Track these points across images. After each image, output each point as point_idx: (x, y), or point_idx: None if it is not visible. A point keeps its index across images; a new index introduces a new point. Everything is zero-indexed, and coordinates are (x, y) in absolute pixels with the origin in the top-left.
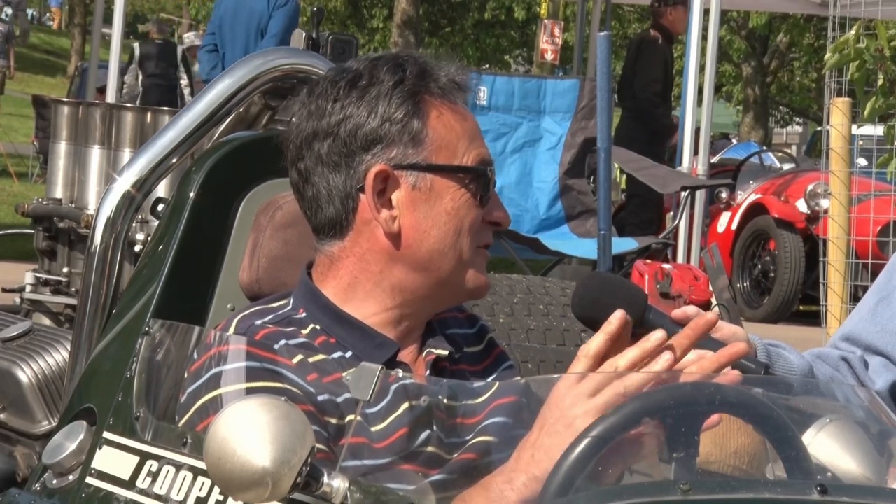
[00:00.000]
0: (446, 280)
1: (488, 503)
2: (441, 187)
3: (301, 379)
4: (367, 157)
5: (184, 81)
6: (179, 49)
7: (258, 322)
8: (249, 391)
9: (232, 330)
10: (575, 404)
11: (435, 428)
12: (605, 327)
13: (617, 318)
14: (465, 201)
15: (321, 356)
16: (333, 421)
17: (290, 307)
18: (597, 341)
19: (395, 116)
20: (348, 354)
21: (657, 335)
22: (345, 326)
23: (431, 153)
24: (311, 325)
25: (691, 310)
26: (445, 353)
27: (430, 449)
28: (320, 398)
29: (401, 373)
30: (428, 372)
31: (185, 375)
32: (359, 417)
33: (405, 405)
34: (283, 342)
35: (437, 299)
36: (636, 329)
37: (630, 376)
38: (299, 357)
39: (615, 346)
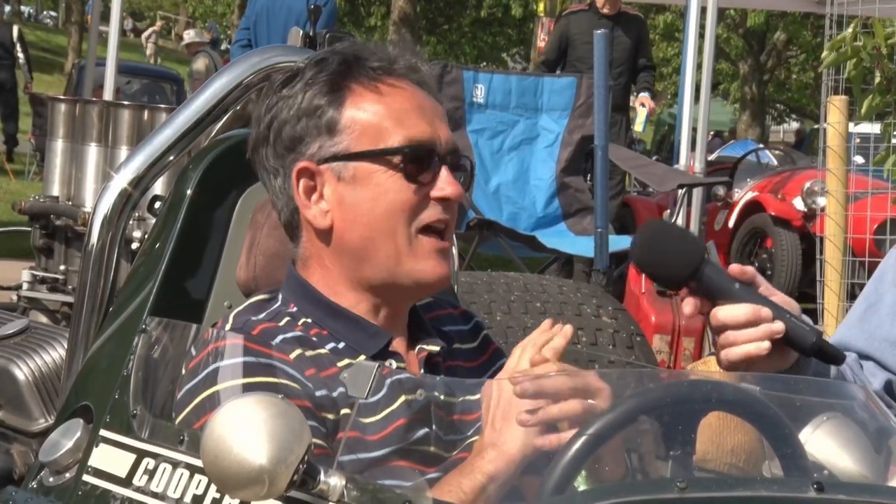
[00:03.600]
0: (392, 269)
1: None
2: (364, 173)
3: (299, 374)
4: (294, 157)
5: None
6: (15, 29)
7: (254, 318)
8: (247, 387)
9: (229, 326)
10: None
11: (434, 426)
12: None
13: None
14: (392, 183)
15: (318, 350)
16: (331, 416)
17: (279, 302)
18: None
19: (310, 109)
20: (341, 345)
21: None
22: (337, 318)
23: (351, 141)
24: (303, 319)
25: (748, 269)
26: (437, 348)
27: (428, 447)
28: (318, 393)
29: (394, 364)
30: (422, 370)
31: (183, 372)
32: (352, 410)
33: (402, 399)
34: (280, 337)
35: (398, 292)
36: (691, 283)
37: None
38: (297, 352)
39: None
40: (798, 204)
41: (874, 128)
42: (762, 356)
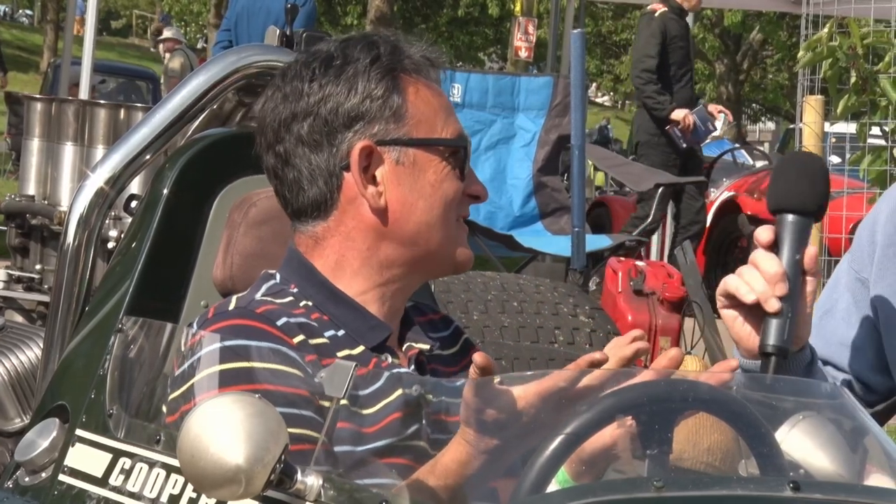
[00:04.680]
0: (435, 253)
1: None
2: (424, 161)
3: (300, 358)
4: (350, 135)
5: None
6: None
7: (257, 296)
8: (226, 372)
9: (233, 305)
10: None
11: (424, 422)
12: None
13: (636, 348)
14: (446, 174)
15: (319, 339)
16: (327, 404)
17: (278, 280)
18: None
19: (376, 93)
20: (341, 333)
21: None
22: (339, 304)
23: (412, 128)
24: (304, 301)
25: (812, 254)
26: (427, 346)
27: (420, 443)
28: (317, 380)
29: (390, 358)
30: (412, 367)
31: (182, 349)
32: (345, 401)
33: (398, 392)
34: (284, 319)
35: (425, 272)
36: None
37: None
38: (301, 337)
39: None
40: None
41: (850, 127)
42: (741, 309)
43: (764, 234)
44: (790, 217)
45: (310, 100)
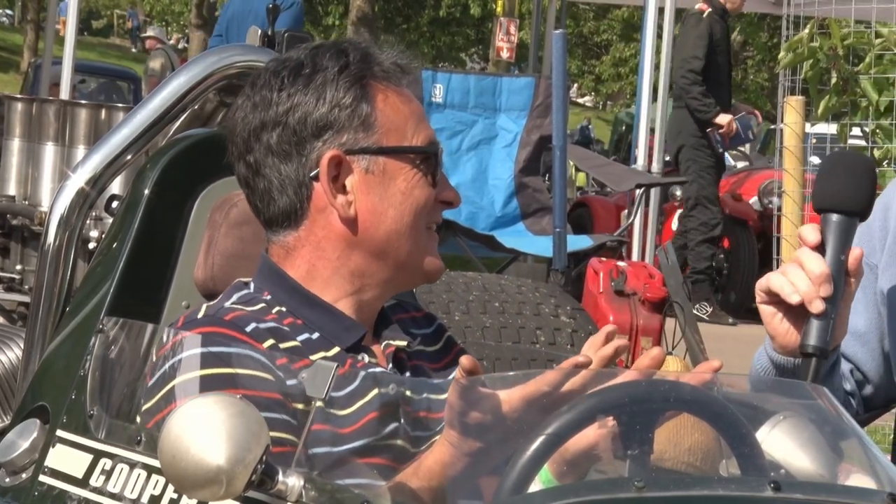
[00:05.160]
0: (405, 262)
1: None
2: (393, 169)
3: (271, 363)
4: (318, 145)
5: None
6: None
7: (227, 304)
8: (207, 378)
9: (202, 313)
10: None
11: (402, 420)
12: (602, 352)
13: (615, 346)
14: (417, 181)
15: (291, 343)
16: (301, 406)
17: (252, 290)
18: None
19: (344, 102)
20: (315, 336)
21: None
22: (312, 308)
23: (382, 136)
24: (277, 308)
25: (861, 267)
26: (404, 343)
27: (398, 442)
28: (289, 383)
29: (366, 358)
30: (390, 365)
31: (154, 359)
32: (320, 404)
33: (374, 392)
34: (253, 325)
35: (396, 283)
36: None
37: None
38: (270, 341)
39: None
40: (755, 204)
41: (830, 128)
42: (782, 306)
43: (811, 233)
44: (835, 217)
45: (278, 109)
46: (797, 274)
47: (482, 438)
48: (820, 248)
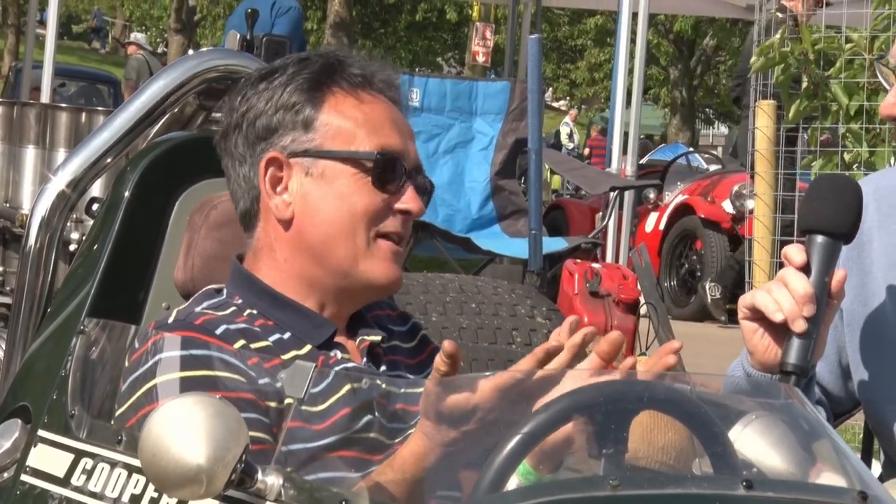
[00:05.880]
0: (345, 269)
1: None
2: (333, 173)
3: (242, 363)
4: (265, 146)
5: None
6: None
7: (197, 309)
8: (187, 379)
9: (172, 318)
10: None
11: (377, 413)
12: (571, 341)
13: (583, 333)
14: (359, 186)
15: (262, 342)
16: (274, 405)
17: (224, 296)
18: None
19: (288, 104)
20: (286, 335)
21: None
22: (283, 309)
23: (325, 140)
24: (248, 310)
25: (843, 288)
26: (378, 338)
27: (371, 434)
28: (261, 382)
29: (339, 354)
30: (364, 359)
31: (126, 364)
32: (293, 401)
33: (347, 387)
34: (223, 327)
35: (349, 293)
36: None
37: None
38: (241, 342)
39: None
40: (727, 206)
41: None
42: (764, 323)
43: (797, 254)
44: (820, 238)
45: (236, 114)
46: (782, 293)
47: (456, 428)
48: (804, 269)
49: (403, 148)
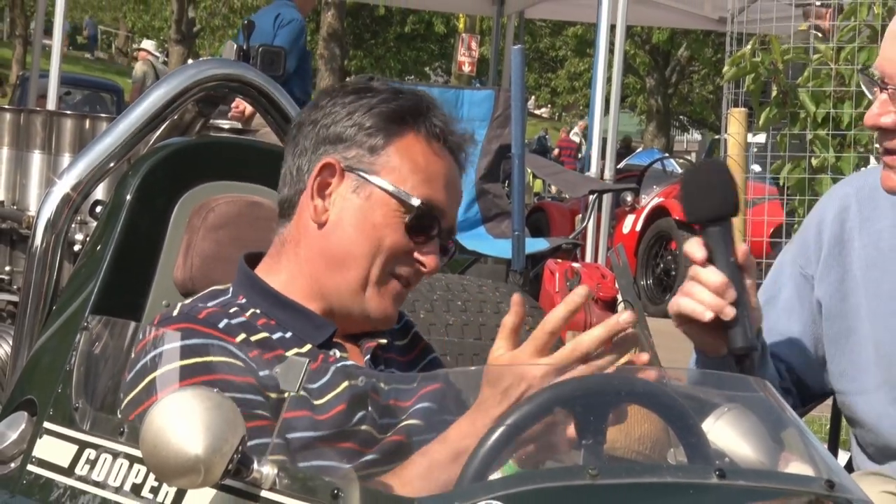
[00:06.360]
0: (353, 291)
1: (426, 464)
2: (378, 201)
3: (244, 354)
4: (328, 149)
5: None
6: None
7: (201, 304)
8: (186, 368)
9: (177, 312)
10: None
11: (370, 409)
12: (565, 306)
13: (580, 294)
14: (394, 223)
15: (263, 334)
16: (274, 395)
17: (230, 295)
18: (555, 318)
19: (366, 125)
20: (288, 335)
21: (626, 317)
22: (285, 310)
23: (383, 169)
24: (252, 310)
25: (752, 259)
26: (384, 340)
27: (364, 427)
28: (261, 373)
29: (338, 353)
30: (367, 358)
31: (132, 355)
32: (302, 392)
33: (345, 384)
34: (225, 321)
35: (346, 313)
36: (704, 230)
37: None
38: (242, 336)
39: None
40: None
41: (771, 138)
42: (700, 322)
43: (697, 250)
44: (711, 227)
45: (320, 113)
46: (699, 290)
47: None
48: (710, 260)
49: (447, 208)
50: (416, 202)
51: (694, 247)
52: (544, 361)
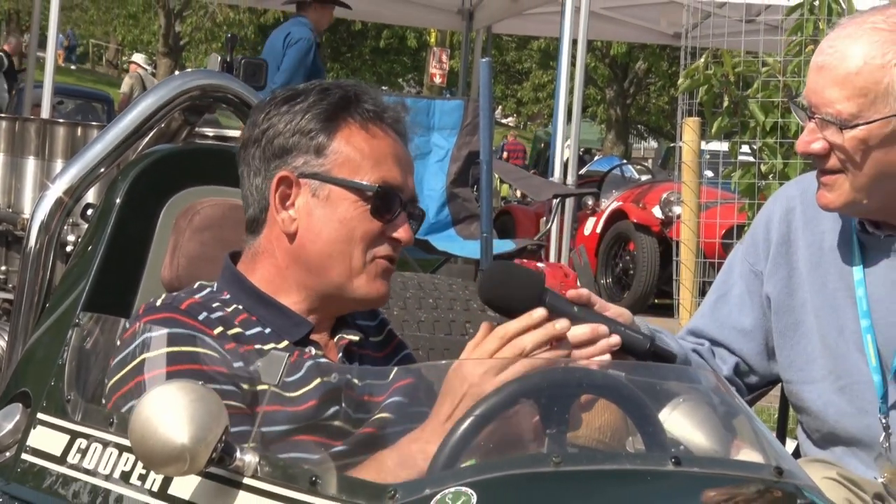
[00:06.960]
0: (339, 284)
1: (399, 458)
2: (337, 197)
3: (220, 347)
4: (279, 164)
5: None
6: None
7: (184, 296)
8: (173, 355)
9: (160, 302)
10: (484, 381)
11: (343, 404)
12: (526, 319)
13: (539, 314)
14: (359, 213)
15: (238, 329)
16: (246, 387)
17: (215, 290)
18: (514, 328)
19: (305, 129)
20: (267, 331)
21: (539, 312)
22: (266, 307)
23: (333, 166)
24: (234, 305)
25: (584, 291)
26: (357, 338)
27: (336, 422)
28: (236, 365)
29: (313, 350)
30: (340, 355)
31: (117, 343)
32: (275, 388)
33: (317, 380)
34: (204, 314)
35: (337, 302)
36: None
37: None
38: (219, 329)
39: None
40: (657, 212)
41: (723, 146)
42: (616, 354)
43: (558, 325)
44: (536, 311)
45: (258, 130)
46: (583, 352)
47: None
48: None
49: (402, 182)
50: (372, 187)
51: (554, 325)
52: (486, 360)
